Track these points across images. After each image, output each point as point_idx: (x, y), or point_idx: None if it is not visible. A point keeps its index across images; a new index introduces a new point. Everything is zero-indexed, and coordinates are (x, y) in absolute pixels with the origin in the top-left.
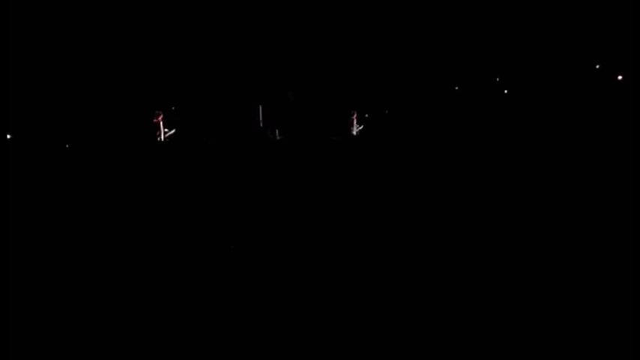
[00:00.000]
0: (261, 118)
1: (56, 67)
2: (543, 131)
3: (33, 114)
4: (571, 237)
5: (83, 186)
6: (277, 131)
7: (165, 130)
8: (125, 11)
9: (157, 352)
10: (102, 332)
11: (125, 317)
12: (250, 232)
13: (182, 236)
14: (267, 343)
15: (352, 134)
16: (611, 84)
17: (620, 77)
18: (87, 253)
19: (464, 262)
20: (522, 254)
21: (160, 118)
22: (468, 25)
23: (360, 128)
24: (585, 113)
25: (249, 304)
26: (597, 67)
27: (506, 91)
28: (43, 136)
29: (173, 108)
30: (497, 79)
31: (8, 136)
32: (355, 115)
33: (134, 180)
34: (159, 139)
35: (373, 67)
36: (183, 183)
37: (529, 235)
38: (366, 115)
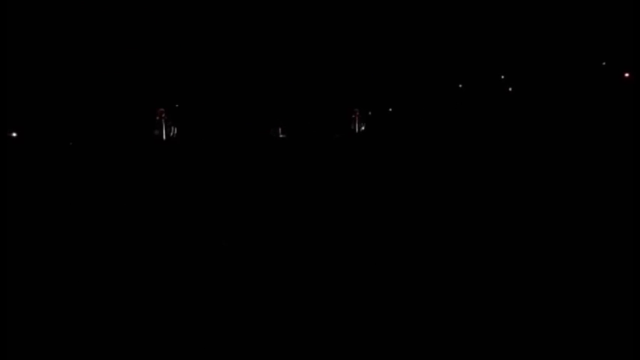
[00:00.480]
0: (264, 117)
1: (59, 66)
2: (549, 129)
3: (37, 111)
4: (582, 235)
5: (86, 183)
6: (280, 129)
7: (173, 127)
8: (130, 10)
9: (157, 352)
10: (102, 332)
11: (127, 316)
12: (253, 231)
13: (184, 235)
14: (271, 342)
15: (355, 132)
16: (618, 82)
17: (627, 75)
18: (88, 252)
19: (468, 261)
20: (534, 253)
21: (162, 115)
22: (472, 22)
23: (363, 126)
24: (591, 111)
25: (251, 303)
26: (604, 64)
27: (510, 89)
28: (47, 134)
29: (177, 105)
30: (502, 77)
31: (14, 134)
32: (358, 113)
33: (136, 178)
34: (162, 136)
35: (376, 65)
36: (186, 181)
37: (538, 233)
38: (370, 113)
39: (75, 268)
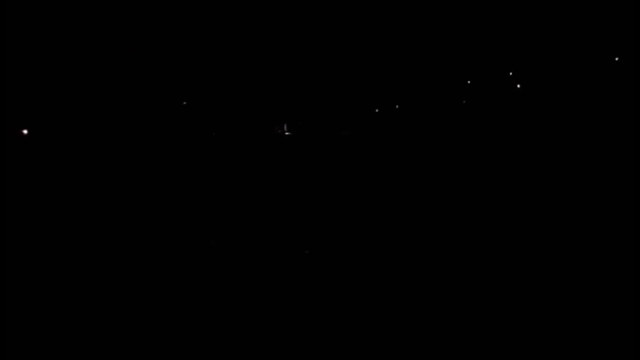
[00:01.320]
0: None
1: (67, 65)
2: (558, 127)
3: (44, 110)
4: (594, 231)
5: (89, 181)
6: (285, 126)
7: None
8: (138, 10)
9: (157, 351)
10: (102, 332)
11: (130, 316)
12: (257, 230)
13: (188, 234)
14: (275, 340)
15: (363, 130)
16: (632, 78)
17: None
18: (91, 252)
19: (478, 256)
20: (553, 250)
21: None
22: (480, 18)
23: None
24: (603, 109)
25: (254, 301)
26: (616, 59)
27: (519, 86)
28: (55, 132)
29: (184, 103)
30: (511, 74)
31: (25, 131)
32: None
33: (139, 176)
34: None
35: (384, 61)
36: (189, 178)
37: (548, 230)
38: (377, 110)
39: (75, 267)
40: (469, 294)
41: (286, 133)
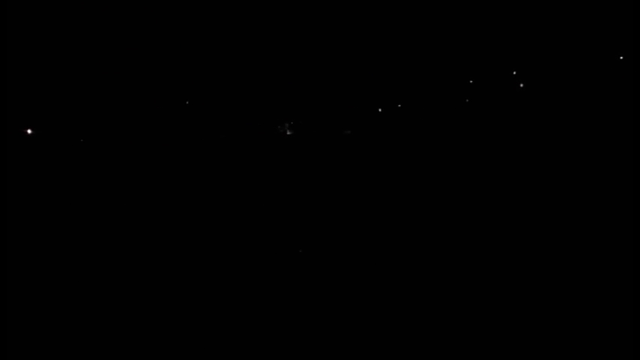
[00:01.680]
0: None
1: (69, 64)
2: (562, 128)
3: (47, 109)
4: (599, 231)
5: (91, 182)
6: (287, 125)
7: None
8: (142, 10)
9: (157, 352)
10: (102, 332)
11: (133, 316)
12: (258, 232)
13: (186, 235)
14: (276, 341)
15: (366, 129)
16: (635, 77)
17: None
18: (93, 252)
19: (475, 259)
20: (558, 251)
21: None
22: (483, 16)
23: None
24: (607, 109)
25: (251, 300)
26: (621, 58)
27: (522, 85)
28: (58, 131)
29: (187, 102)
30: (514, 73)
31: (29, 131)
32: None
33: (141, 176)
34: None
35: (386, 60)
36: (190, 179)
37: (551, 231)
38: (380, 110)
39: (75, 266)
40: (469, 294)
41: (287, 133)
